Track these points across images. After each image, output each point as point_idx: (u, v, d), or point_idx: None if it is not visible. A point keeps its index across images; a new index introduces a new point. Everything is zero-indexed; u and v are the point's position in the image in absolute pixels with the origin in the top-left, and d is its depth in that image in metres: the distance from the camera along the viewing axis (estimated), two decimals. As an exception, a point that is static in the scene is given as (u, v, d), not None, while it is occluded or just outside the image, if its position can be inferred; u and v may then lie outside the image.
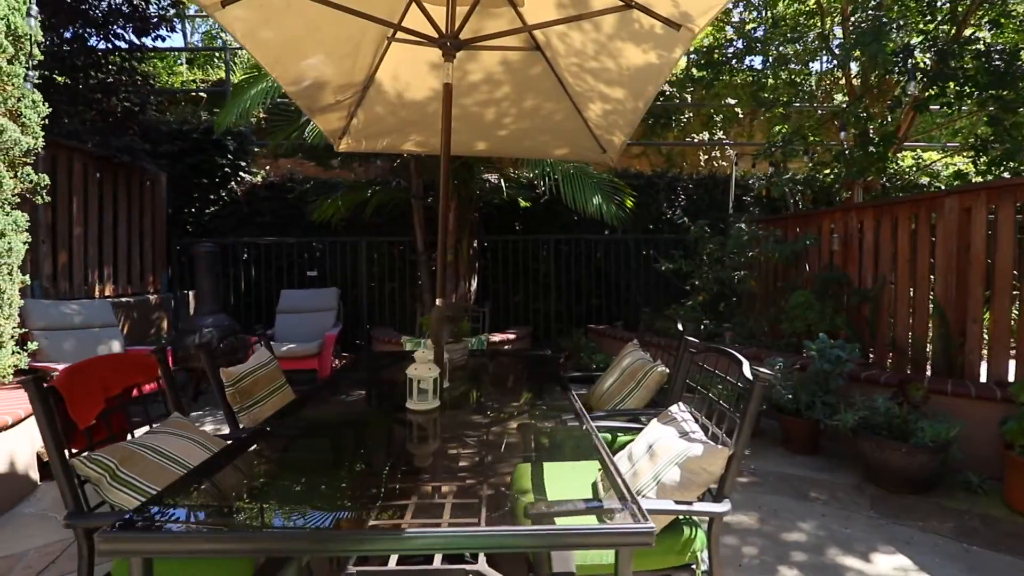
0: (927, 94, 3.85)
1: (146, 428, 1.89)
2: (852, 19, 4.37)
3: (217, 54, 10.44)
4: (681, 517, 1.68)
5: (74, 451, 1.62)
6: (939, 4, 4.07)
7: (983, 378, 3.19)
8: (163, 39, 5.13)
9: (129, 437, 1.79)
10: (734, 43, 5.66)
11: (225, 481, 1.42)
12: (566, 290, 6.42)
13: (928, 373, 3.51)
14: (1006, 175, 4.07)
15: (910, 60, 3.64)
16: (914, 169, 5.07)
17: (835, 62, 4.40)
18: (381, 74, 3.01)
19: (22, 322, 3.83)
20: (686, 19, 2.04)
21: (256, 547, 1.20)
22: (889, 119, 4.22)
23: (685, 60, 6.36)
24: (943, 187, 4.92)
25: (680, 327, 2.62)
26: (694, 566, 1.63)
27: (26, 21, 2.71)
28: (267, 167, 7.16)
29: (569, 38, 2.57)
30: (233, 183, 6.47)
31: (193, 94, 8.15)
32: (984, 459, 2.84)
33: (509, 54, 2.83)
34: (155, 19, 4.93)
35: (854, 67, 4.61)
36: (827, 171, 4.70)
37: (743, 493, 2.89)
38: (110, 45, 4.64)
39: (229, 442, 1.79)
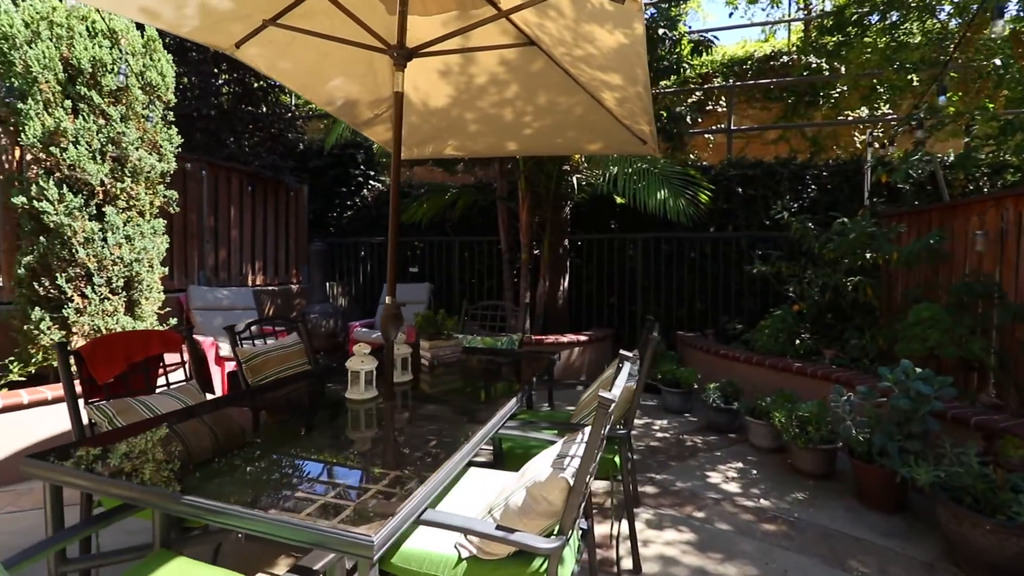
0: None
1: (163, 389, 2.40)
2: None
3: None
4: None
5: (92, 400, 2.16)
6: None
7: None
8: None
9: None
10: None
11: (150, 435, 1.74)
12: (665, 292, 5.93)
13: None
14: None
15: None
16: None
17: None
18: (405, 86, 3.22)
19: (187, 302, 5.06)
20: (618, -10, 1.81)
21: (121, 493, 1.47)
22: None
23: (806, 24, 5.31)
24: None
25: (654, 336, 2.31)
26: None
27: (158, 75, 3.59)
28: (393, 175, 8.04)
29: (545, 28, 2.45)
30: (365, 190, 7.46)
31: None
32: None
33: (505, 53, 2.80)
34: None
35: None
36: (991, 148, 3.45)
37: (760, 542, 2.42)
38: (263, 83, 5.79)
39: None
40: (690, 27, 7.43)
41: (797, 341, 4.02)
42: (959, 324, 3.06)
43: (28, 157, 3.22)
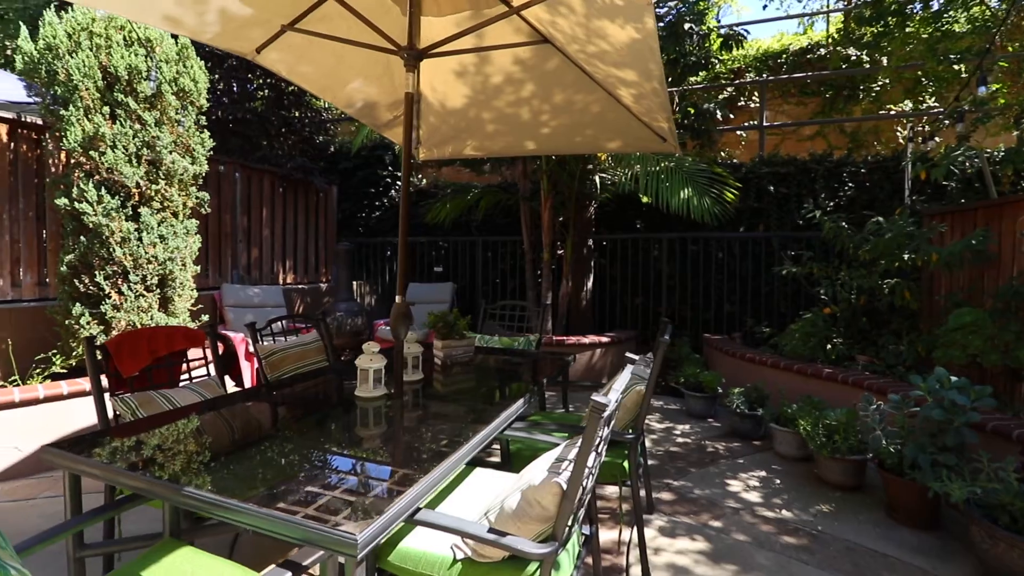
0: None
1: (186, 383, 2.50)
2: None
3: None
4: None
5: (118, 392, 2.26)
6: None
7: None
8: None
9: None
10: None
11: (165, 428, 1.80)
12: (691, 293, 5.79)
13: None
14: None
15: None
16: None
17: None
18: (423, 87, 3.26)
19: (221, 300, 5.25)
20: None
21: (128, 482, 1.52)
22: None
23: (845, 16, 5.05)
24: None
25: (663, 340, 2.24)
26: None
27: (191, 81, 3.73)
28: (421, 176, 8.15)
29: (558, 25, 2.42)
30: (393, 191, 7.58)
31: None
32: None
33: (520, 52, 2.79)
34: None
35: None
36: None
37: (778, 555, 2.33)
38: (294, 88, 5.96)
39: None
40: (720, 20, 7.23)
41: (828, 346, 3.85)
42: (1005, 330, 2.87)
43: (71, 161, 3.39)
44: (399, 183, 7.61)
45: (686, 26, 4.50)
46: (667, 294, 5.89)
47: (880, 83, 6.06)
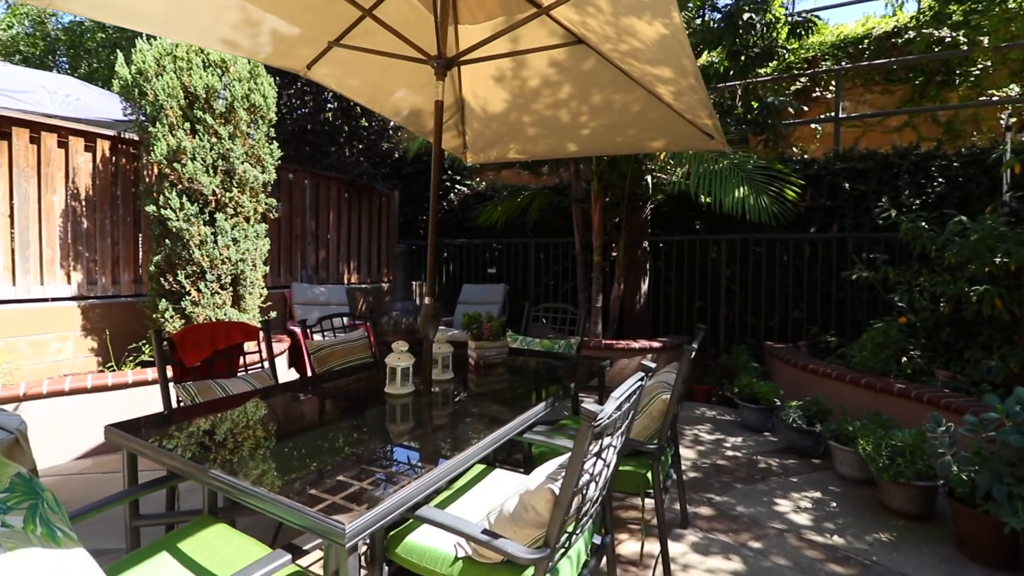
0: None
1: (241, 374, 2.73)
2: None
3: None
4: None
5: (183, 380, 2.51)
6: None
7: None
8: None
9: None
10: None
11: (212, 415, 1.99)
12: (754, 298, 5.47)
13: None
14: None
15: None
16: None
17: None
18: (465, 94, 3.34)
19: (290, 298, 5.65)
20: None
21: (167, 462, 1.67)
22: None
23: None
24: None
25: (689, 347, 2.14)
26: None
27: (261, 97, 4.06)
28: (479, 180, 8.30)
29: (588, 25, 2.40)
30: (452, 195, 7.79)
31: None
32: None
33: (555, 54, 2.78)
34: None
35: None
36: None
37: (821, 583, 2.16)
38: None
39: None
40: (790, 7, 6.75)
41: (904, 359, 3.49)
42: (1117, 347, 2.47)
43: (159, 172, 3.80)
44: (458, 187, 7.81)
45: (745, 16, 4.25)
46: (727, 298, 5.60)
47: (980, 66, 5.39)
